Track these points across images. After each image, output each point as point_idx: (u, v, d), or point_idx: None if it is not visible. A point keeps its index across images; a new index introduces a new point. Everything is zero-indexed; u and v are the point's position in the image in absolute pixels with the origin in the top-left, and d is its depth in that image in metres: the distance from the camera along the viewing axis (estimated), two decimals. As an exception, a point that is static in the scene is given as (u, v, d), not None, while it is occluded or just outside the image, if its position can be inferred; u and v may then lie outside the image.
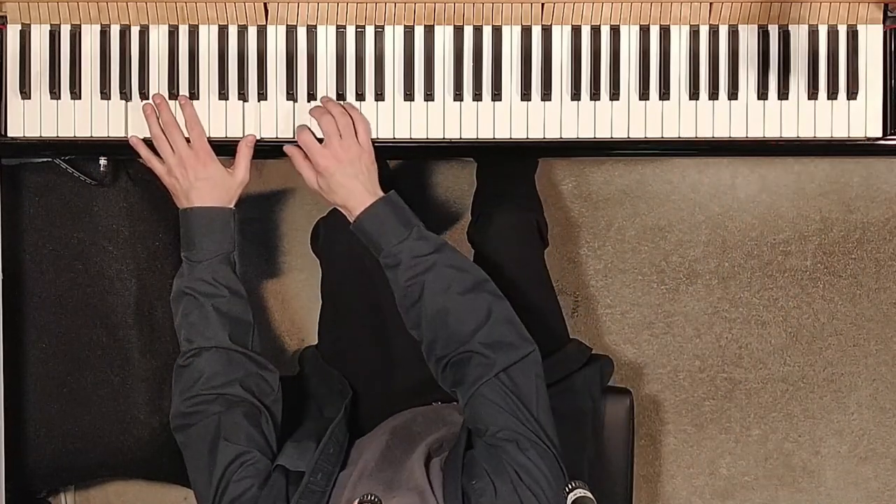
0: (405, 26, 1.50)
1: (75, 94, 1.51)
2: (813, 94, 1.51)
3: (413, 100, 1.51)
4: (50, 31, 1.51)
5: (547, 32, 1.50)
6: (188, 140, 1.47)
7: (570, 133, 1.51)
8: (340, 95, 1.50)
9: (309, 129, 1.46)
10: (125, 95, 1.51)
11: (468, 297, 1.37)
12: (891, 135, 1.51)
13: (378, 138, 1.51)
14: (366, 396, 1.60)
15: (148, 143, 1.49)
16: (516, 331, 1.36)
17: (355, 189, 1.41)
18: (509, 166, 1.98)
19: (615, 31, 1.50)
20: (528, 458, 1.25)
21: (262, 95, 1.51)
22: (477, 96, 1.50)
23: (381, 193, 1.43)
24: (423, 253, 1.38)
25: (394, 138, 1.51)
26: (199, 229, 1.44)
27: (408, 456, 1.32)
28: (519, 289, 1.61)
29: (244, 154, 1.48)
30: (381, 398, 1.59)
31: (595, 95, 1.51)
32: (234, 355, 1.43)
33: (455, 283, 1.37)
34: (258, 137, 1.51)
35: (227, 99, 1.51)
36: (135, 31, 1.51)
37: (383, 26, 1.51)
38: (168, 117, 1.47)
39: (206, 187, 1.45)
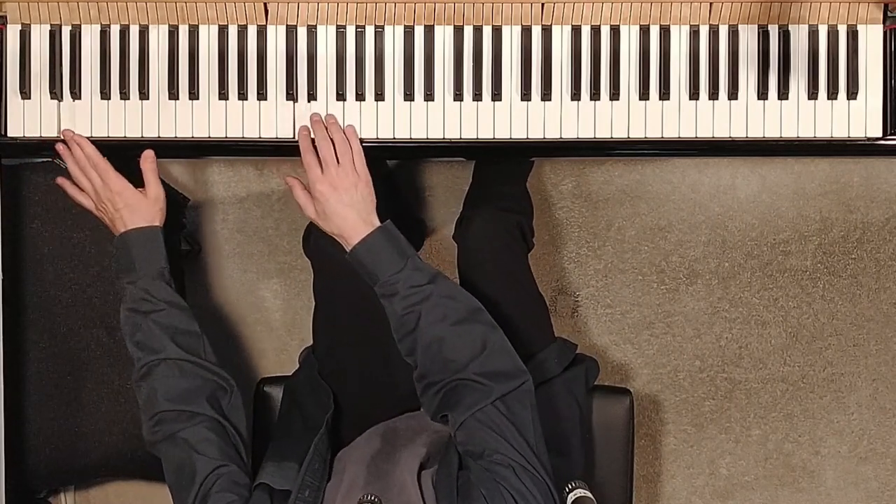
0: (405, 26, 1.50)
1: (75, 94, 1.51)
2: (813, 94, 1.51)
3: (413, 100, 1.51)
4: (50, 31, 1.51)
5: (547, 32, 1.50)
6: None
7: (570, 133, 1.51)
8: (340, 95, 1.50)
9: (314, 150, 1.47)
10: (125, 95, 1.51)
11: (463, 327, 1.38)
12: (891, 135, 1.51)
13: (378, 138, 1.51)
14: (353, 401, 1.60)
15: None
16: (511, 361, 1.38)
17: (350, 217, 1.43)
18: (501, 167, 1.98)
19: (615, 31, 1.50)
20: (524, 485, 1.25)
21: (261, 95, 1.51)
22: (477, 96, 1.50)
23: (376, 223, 1.44)
24: (419, 283, 1.40)
25: (394, 138, 1.51)
26: (128, 252, 1.50)
27: (394, 466, 1.32)
28: (497, 291, 1.62)
29: (149, 171, 1.52)
30: (368, 403, 1.59)
31: (595, 95, 1.51)
32: (184, 365, 1.45)
33: (450, 313, 1.38)
34: (258, 137, 1.51)
35: (227, 99, 1.51)
36: (135, 30, 1.51)
37: (383, 26, 1.51)
38: (80, 154, 1.50)
39: (127, 213, 1.50)
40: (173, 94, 1.51)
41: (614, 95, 1.50)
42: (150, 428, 1.42)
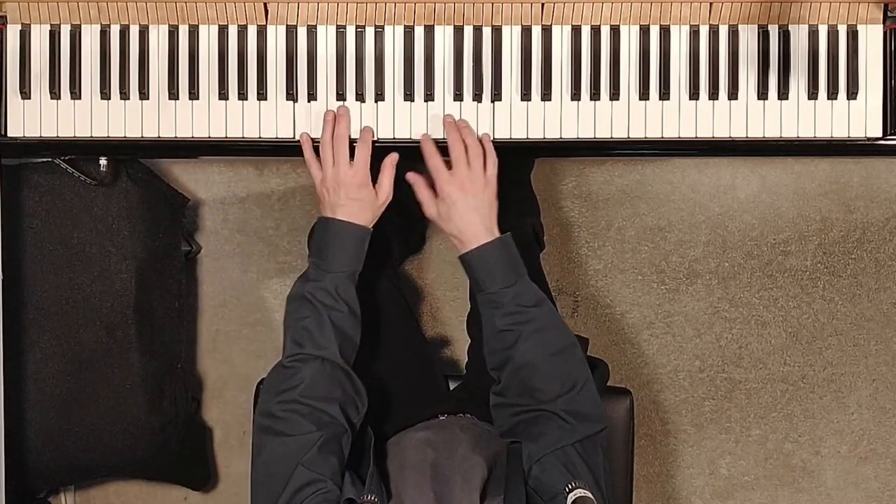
0: (405, 26, 1.50)
1: (75, 94, 1.51)
2: (813, 94, 1.51)
3: (413, 100, 1.51)
4: (50, 31, 1.51)
5: (547, 32, 1.50)
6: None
7: (570, 133, 1.51)
8: (340, 95, 1.50)
9: (438, 152, 1.46)
10: (125, 95, 1.51)
11: (559, 359, 1.38)
12: (891, 135, 1.51)
13: (378, 138, 1.51)
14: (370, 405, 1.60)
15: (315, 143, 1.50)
16: (596, 405, 1.38)
17: (473, 222, 1.42)
18: (505, 169, 1.98)
19: (615, 31, 1.50)
20: None
21: (261, 95, 1.51)
22: (477, 96, 1.50)
23: (496, 232, 1.44)
24: (525, 304, 1.40)
25: (394, 138, 1.51)
26: (334, 242, 1.44)
27: (450, 489, 1.29)
28: None
29: (389, 173, 1.48)
30: (383, 406, 1.58)
31: (595, 95, 1.51)
32: (337, 371, 1.41)
33: (550, 342, 1.39)
34: (258, 137, 1.51)
35: (227, 99, 1.51)
36: (135, 31, 1.51)
37: (383, 26, 1.51)
38: (343, 131, 1.47)
39: (354, 207, 1.45)
40: (173, 94, 1.51)
41: (614, 95, 1.50)
42: (277, 410, 1.37)
